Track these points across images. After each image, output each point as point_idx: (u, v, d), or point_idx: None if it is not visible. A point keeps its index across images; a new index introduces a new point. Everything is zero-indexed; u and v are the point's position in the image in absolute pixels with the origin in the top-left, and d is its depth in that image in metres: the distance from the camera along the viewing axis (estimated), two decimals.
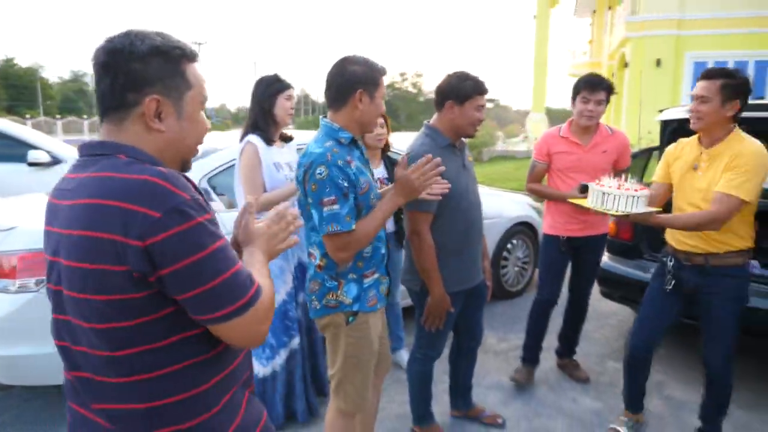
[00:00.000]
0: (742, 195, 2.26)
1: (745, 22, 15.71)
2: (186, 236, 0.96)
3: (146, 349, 1.01)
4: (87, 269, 0.97)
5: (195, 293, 0.99)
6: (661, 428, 2.92)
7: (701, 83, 2.38)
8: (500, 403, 3.17)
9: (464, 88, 2.37)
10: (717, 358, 2.54)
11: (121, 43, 1.03)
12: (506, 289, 4.98)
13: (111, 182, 0.98)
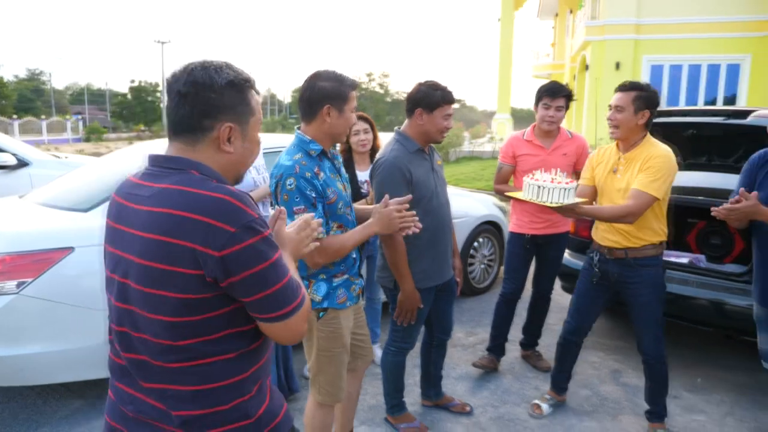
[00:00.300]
0: (654, 192, 2.55)
1: (699, 27, 16.38)
2: (254, 249, 1.12)
3: (205, 340, 1.16)
4: (163, 269, 1.12)
5: (259, 297, 1.15)
6: (618, 411, 3.14)
7: (618, 95, 2.69)
8: (468, 393, 3.34)
9: (434, 97, 2.53)
10: (649, 342, 2.82)
11: (201, 76, 1.19)
12: (473, 285, 5.18)
13: (190, 196, 1.13)
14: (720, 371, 3.62)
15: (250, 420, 1.24)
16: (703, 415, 3.10)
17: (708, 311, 3.37)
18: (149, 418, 1.21)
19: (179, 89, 1.19)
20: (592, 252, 2.92)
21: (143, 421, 1.22)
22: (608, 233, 2.77)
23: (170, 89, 1.21)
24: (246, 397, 1.24)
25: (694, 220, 4.35)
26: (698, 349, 3.96)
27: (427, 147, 2.67)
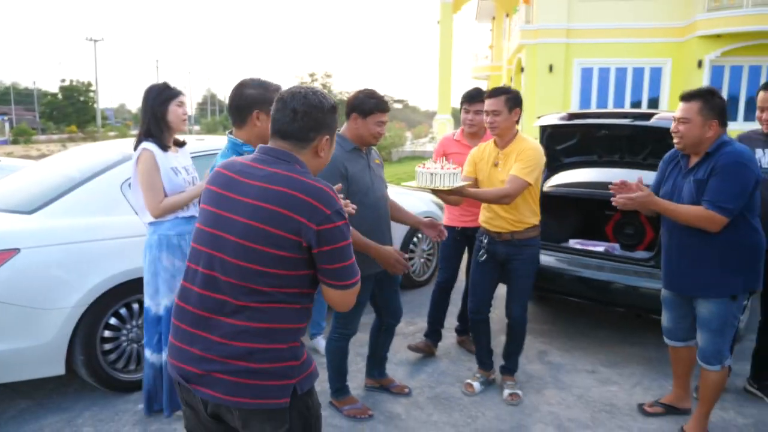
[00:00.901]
0: (527, 178, 2.98)
1: (624, 32, 17.33)
2: (341, 229, 1.51)
3: (284, 291, 1.51)
4: (270, 231, 1.46)
5: (337, 266, 1.52)
6: (542, 387, 3.45)
7: (490, 101, 3.07)
8: (407, 376, 3.59)
9: (368, 105, 2.79)
10: (518, 309, 3.28)
11: (313, 100, 1.58)
12: (413, 279, 5.44)
13: (300, 182, 1.50)
14: (632, 348, 4.02)
15: (298, 362, 1.55)
16: (616, 386, 3.46)
17: (621, 293, 3.74)
18: (216, 355, 1.49)
19: (295, 107, 1.56)
20: (481, 236, 3.30)
21: (209, 358, 1.50)
22: (495, 220, 3.17)
23: (285, 105, 1.57)
24: (297, 343, 1.57)
25: (610, 213, 4.76)
26: (613, 329, 4.36)
27: (365, 147, 2.91)
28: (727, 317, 2.69)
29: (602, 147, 4.42)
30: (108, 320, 3.18)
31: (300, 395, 1.54)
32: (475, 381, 3.41)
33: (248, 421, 1.52)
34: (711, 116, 2.59)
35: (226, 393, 1.48)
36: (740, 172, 2.53)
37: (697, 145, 2.64)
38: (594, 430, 2.97)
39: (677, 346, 3.00)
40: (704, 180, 2.59)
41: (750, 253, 2.65)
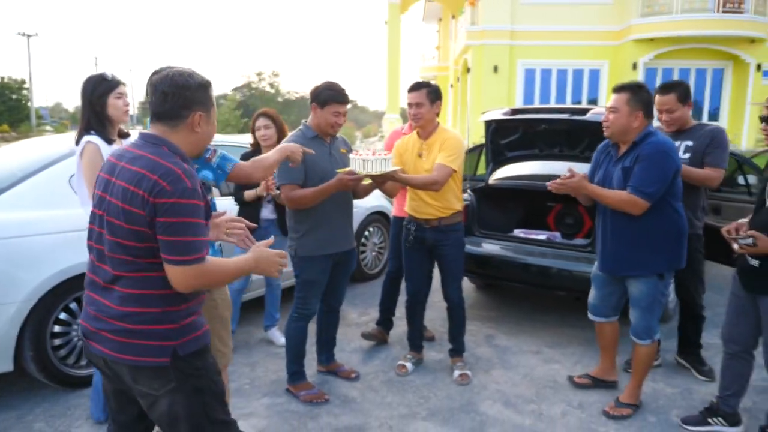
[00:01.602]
0: (452, 165, 3.17)
1: (565, 35, 18.00)
2: (181, 206, 1.58)
3: (147, 261, 1.63)
4: (124, 207, 1.60)
5: (171, 239, 1.59)
6: (490, 367, 3.63)
7: (413, 94, 3.24)
8: (361, 362, 3.69)
9: (324, 95, 2.97)
10: (454, 291, 3.47)
11: (181, 79, 1.69)
12: (365, 272, 5.55)
13: (153, 162, 1.61)
14: (573, 330, 4.26)
15: (175, 325, 1.68)
16: (558, 364, 3.68)
17: (562, 278, 3.97)
18: (103, 315, 1.67)
19: (164, 89, 1.68)
20: (409, 224, 3.46)
21: (99, 318, 1.68)
22: (423, 208, 3.34)
23: (155, 89, 1.69)
24: (176, 307, 1.69)
25: (552, 204, 5.01)
26: (555, 313, 4.60)
27: (327, 137, 3.07)
28: (655, 295, 2.92)
29: (543, 141, 4.65)
30: (58, 315, 3.14)
31: (183, 356, 1.67)
32: (408, 362, 3.58)
33: (137, 377, 1.68)
34: (637, 107, 2.80)
35: (112, 350, 1.66)
36: (662, 160, 2.76)
37: (623, 134, 2.86)
38: (539, 404, 3.15)
39: (601, 321, 3.23)
40: (630, 167, 2.81)
41: (674, 235, 2.89)
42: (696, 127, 3.35)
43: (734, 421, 2.86)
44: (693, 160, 3.24)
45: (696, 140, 3.27)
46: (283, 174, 2.97)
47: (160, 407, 1.69)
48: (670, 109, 3.30)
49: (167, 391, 1.67)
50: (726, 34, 16.66)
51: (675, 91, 3.28)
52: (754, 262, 2.61)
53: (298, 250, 3.07)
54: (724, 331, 2.86)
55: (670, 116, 3.31)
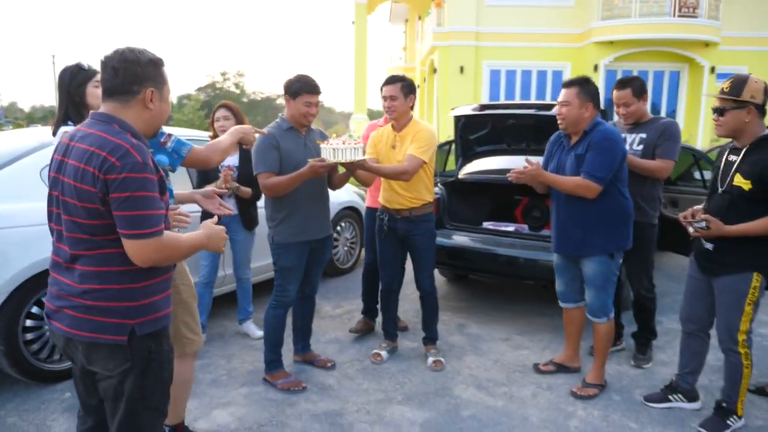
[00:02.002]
0: (422, 156, 3.26)
1: (529, 37, 18.37)
2: (132, 180, 1.58)
3: (103, 238, 1.64)
4: (76, 186, 1.61)
5: (125, 214, 1.59)
6: (462, 354, 3.73)
7: (387, 87, 3.35)
8: (338, 352, 3.75)
9: (296, 87, 3.04)
10: (425, 279, 3.58)
11: (131, 55, 1.70)
12: (338, 266, 5.60)
13: (102, 139, 1.62)
14: (541, 318, 4.40)
15: (135, 303, 1.69)
16: (527, 350, 3.81)
17: (530, 267, 4.10)
18: (64, 293, 1.69)
19: (114, 65, 1.68)
20: (382, 214, 3.56)
21: (60, 296, 1.71)
22: (395, 198, 3.43)
23: (106, 65, 1.69)
24: (135, 284, 1.69)
25: (519, 197, 5.16)
26: (524, 303, 4.74)
27: (303, 128, 3.14)
28: (608, 273, 3.11)
29: (511, 136, 4.79)
30: (29, 309, 3.10)
31: (140, 336, 1.69)
32: (382, 350, 3.66)
33: (91, 356, 1.69)
34: (587, 99, 3.01)
35: (69, 326, 1.67)
36: (610, 147, 2.97)
37: (576, 124, 3.05)
38: (510, 387, 3.27)
39: (570, 307, 3.38)
40: (582, 154, 3.01)
41: (622, 217, 3.10)
42: (651, 120, 3.53)
43: (692, 396, 3.03)
44: (645, 152, 3.41)
45: (649, 133, 3.45)
46: (259, 162, 3.02)
47: (109, 381, 1.71)
48: (627, 102, 3.47)
49: (120, 372, 1.68)
50: (681, 38, 17.26)
51: (630, 85, 3.46)
52: (708, 246, 2.78)
53: (275, 237, 3.14)
54: (682, 312, 3.02)
55: (627, 110, 3.49)
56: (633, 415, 2.97)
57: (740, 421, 2.80)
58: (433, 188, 3.53)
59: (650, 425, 2.86)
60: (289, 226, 3.11)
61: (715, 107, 2.74)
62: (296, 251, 3.14)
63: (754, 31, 18.52)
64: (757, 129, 2.64)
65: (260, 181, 3.03)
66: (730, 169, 2.70)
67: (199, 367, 3.46)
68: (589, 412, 3.00)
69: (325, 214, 3.30)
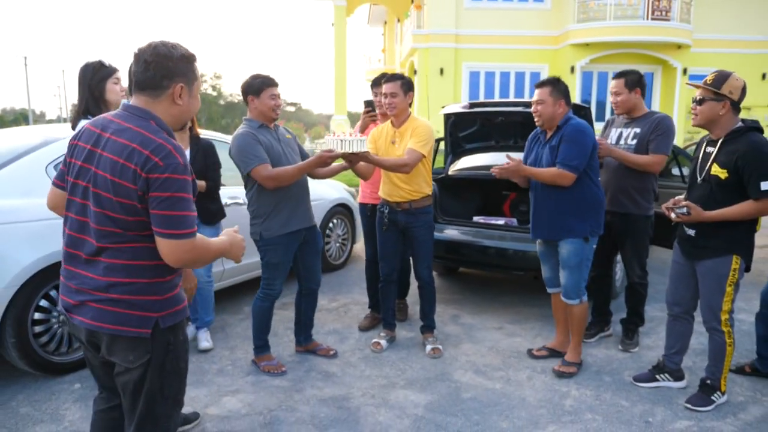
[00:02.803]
0: (421, 150, 3.41)
1: (507, 39, 18.68)
2: (173, 180, 1.61)
3: (135, 233, 1.66)
4: (113, 180, 1.62)
5: (164, 213, 1.61)
6: (458, 342, 3.87)
7: (388, 85, 3.49)
8: (338, 342, 3.86)
9: (257, 84, 3.18)
10: (424, 270, 3.71)
11: (163, 49, 1.69)
12: (330, 262, 5.70)
13: (142, 136, 1.63)
14: (531, 308, 4.57)
15: (160, 297, 1.72)
16: (520, 337, 3.97)
17: (519, 258, 4.26)
18: (87, 288, 1.69)
19: (146, 58, 1.68)
20: (382, 207, 3.69)
21: (82, 290, 1.70)
22: (395, 191, 3.56)
23: (139, 59, 1.69)
24: (162, 279, 1.72)
25: (507, 192, 5.33)
26: (514, 294, 4.91)
27: (272, 125, 3.29)
28: (582, 255, 3.32)
29: (499, 133, 4.96)
30: (38, 302, 3.15)
31: (162, 329, 1.71)
32: (382, 339, 3.79)
33: (113, 348, 1.70)
34: (559, 96, 3.25)
35: (93, 318, 1.67)
36: (581, 139, 3.21)
37: (551, 120, 3.27)
38: (506, 371, 3.42)
39: (556, 291, 3.56)
40: (556, 146, 3.24)
41: (594, 204, 3.32)
42: (645, 115, 3.71)
43: (678, 376, 3.21)
44: (638, 147, 3.59)
45: (643, 128, 3.63)
46: (250, 157, 3.07)
47: (129, 375, 1.72)
48: (617, 92, 3.68)
49: (141, 364, 1.70)
50: (654, 40, 17.75)
51: (624, 76, 3.68)
52: (690, 232, 2.97)
53: (263, 233, 3.22)
54: (668, 295, 3.20)
55: (617, 99, 3.69)
56: (623, 394, 3.14)
57: (723, 397, 2.99)
58: (431, 181, 3.67)
59: (640, 403, 3.04)
60: (277, 219, 3.21)
61: (695, 97, 2.93)
62: (285, 245, 3.26)
63: (724, 34, 19.12)
64: (730, 122, 2.83)
65: (260, 173, 3.06)
66: (708, 160, 2.89)
67: (204, 358, 3.55)
68: (582, 392, 3.16)
69: (308, 203, 3.43)
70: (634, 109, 3.69)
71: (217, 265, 4.22)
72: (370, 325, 4.16)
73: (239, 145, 3.11)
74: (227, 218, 4.26)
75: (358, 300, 4.77)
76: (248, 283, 4.74)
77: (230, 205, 4.31)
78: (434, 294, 3.79)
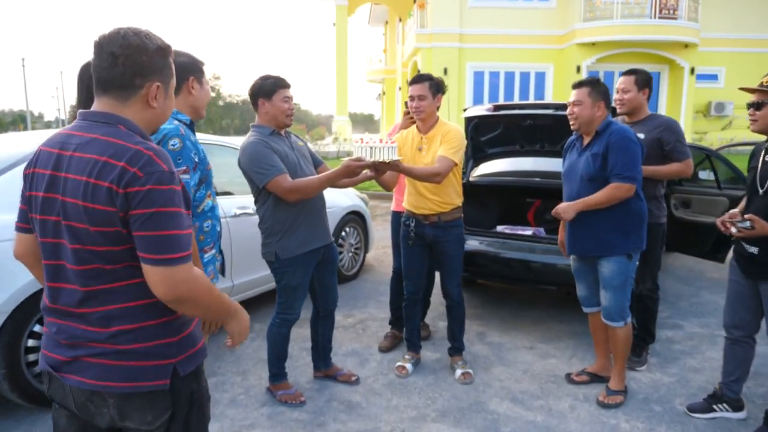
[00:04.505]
0: (454, 158, 3.10)
1: (512, 38, 18.42)
2: (158, 193, 1.28)
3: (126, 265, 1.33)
4: (87, 206, 1.28)
5: (149, 234, 1.28)
6: (489, 365, 3.57)
7: (415, 86, 3.18)
8: (358, 366, 3.56)
9: (269, 86, 2.86)
10: (454, 288, 3.40)
11: (136, 40, 1.35)
12: (343, 273, 5.40)
13: (114, 146, 1.30)
14: (561, 325, 4.27)
15: (175, 338, 1.41)
16: (555, 359, 3.67)
17: (552, 273, 3.97)
18: (83, 341, 1.36)
19: (113, 50, 1.33)
20: (408, 220, 3.37)
21: (75, 345, 1.37)
22: (423, 203, 3.25)
23: (102, 50, 1.35)
24: (172, 317, 1.40)
25: (531, 200, 5.04)
26: (540, 309, 4.61)
27: (283, 131, 2.97)
28: (626, 274, 3.01)
29: (524, 137, 4.66)
30: (32, 328, 2.85)
31: (183, 377, 1.42)
32: (407, 363, 3.48)
33: (125, 410, 1.38)
34: (598, 98, 2.96)
35: (96, 378, 1.35)
36: (631, 146, 2.91)
37: (588, 124, 2.98)
38: (546, 400, 3.12)
39: (594, 311, 3.26)
40: (600, 153, 2.93)
41: (637, 217, 3.02)
42: (649, 118, 3.46)
43: (738, 406, 2.92)
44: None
45: (648, 132, 3.36)
46: (267, 167, 2.73)
47: None
48: (626, 89, 3.42)
49: (162, 423, 1.41)
50: (662, 39, 17.49)
51: (635, 74, 3.42)
52: (753, 250, 2.67)
53: (279, 254, 2.89)
54: (726, 318, 2.91)
55: (623, 96, 3.43)
56: (678, 426, 2.85)
57: None
58: (461, 191, 3.36)
59: None
60: (295, 237, 2.89)
61: (751, 102, 2.65)
62: (303, 265, 2.95)
63: (732, 33, 18.89)
64: None
65: (280, 185, 2.74)
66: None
67: (214, 385, 3.25)
68: (633, 425, 2.87)
69: (326, 218, 3.14)
70: (638, 110, 3.46)
71: (224, 280, 3.93)
72: (391, 345, 3.86)
73: (252, 154, 2.78)
74: (238, 230, 3.98)
75: (375, 315, 4.48)
76: (258, 297, 4.44)
77: (240, 216, 4.03)
78: (464, 314, 3.49)
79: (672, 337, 4.00)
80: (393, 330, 3.97)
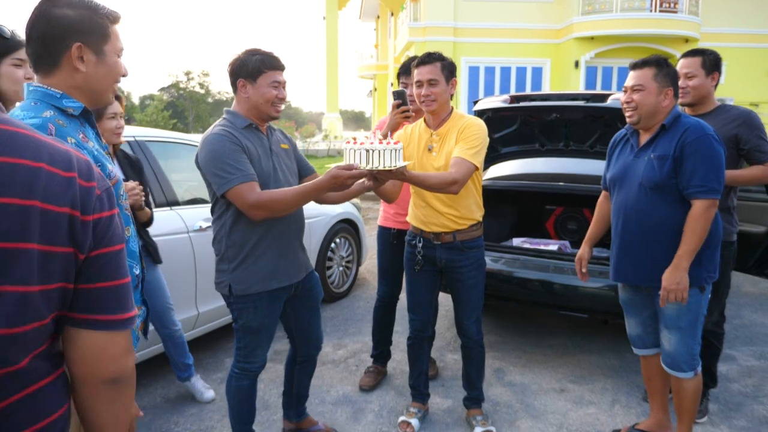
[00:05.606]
0: (474, 161, 2.39)
1: (507, 32, 17.79)
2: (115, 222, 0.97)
3: (44, 352, 0.92)
4: None
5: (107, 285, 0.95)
6: (513, 417, 2.88)
7: (424, 68, 2.48)
8: (351, 419, 2.85)
9: (252, 63, 2.13)
10: (472, 324, 2.70)
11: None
12: (333, 291, 4.69)
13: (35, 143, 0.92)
14: (591, 356, 3.60)
15: None
16: (593, 406, 2.98)
17: (589, 298, 3.28)
18: None
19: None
20: (413, 239, 2.66)
21: None
22: (433, 218, 2.57)
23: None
24: None
25: (552, 207, 4.35)
26: (563, 335, 3.93)
27: (264, 126, 2.24)
28: (697, 312, 2.34)
29: (545, 134, 3.97)
30: None
31: None
32: (412, 417, 2.75)
33: None
34: (666, 83, 2.29)
35: None
36: (714, 147, 2.22)
37: (652, 116, 2.31)
38: None
39: (649, 354, 2.58)
40: (670, 156, 2.24)
41: (712, 239, 2.31)
42: (719, 109, 2.73)
43: None
44: None
45: (720, 128, 2.59)
46: (231, 170, 2.01)
47: None
48: (691, 74, 2.68)
49: None
50: (662, 33, 16.94)
51: (702, 54, 2.69)
52: None
53: (233, 287, 2.17)
54: None
55: (689, 82, 2.68)
56: None
57: None
58: (481, 202, 2.65)
59: None
60: (254, 270, 2.15)
61: None
62: (266, 304, 2.21)
63: (733, 28, 18.33)
64: None
65: (243, 196, 2.01)
66: None
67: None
68: None
69: (302, 245, 2.37)
70: (705, 100, 2.72)
71: (187, 309, 3.22)
72: (374, 383, 3.19)
73: (213, 152, 2.04)
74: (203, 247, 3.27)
75: (371, 345, 3.76)
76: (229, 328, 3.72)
77: (206, 230, 3.31)
78: (483, 356, 2.79)
79: (727, 374, 3.33)
80: (376, 365, 3.28)
